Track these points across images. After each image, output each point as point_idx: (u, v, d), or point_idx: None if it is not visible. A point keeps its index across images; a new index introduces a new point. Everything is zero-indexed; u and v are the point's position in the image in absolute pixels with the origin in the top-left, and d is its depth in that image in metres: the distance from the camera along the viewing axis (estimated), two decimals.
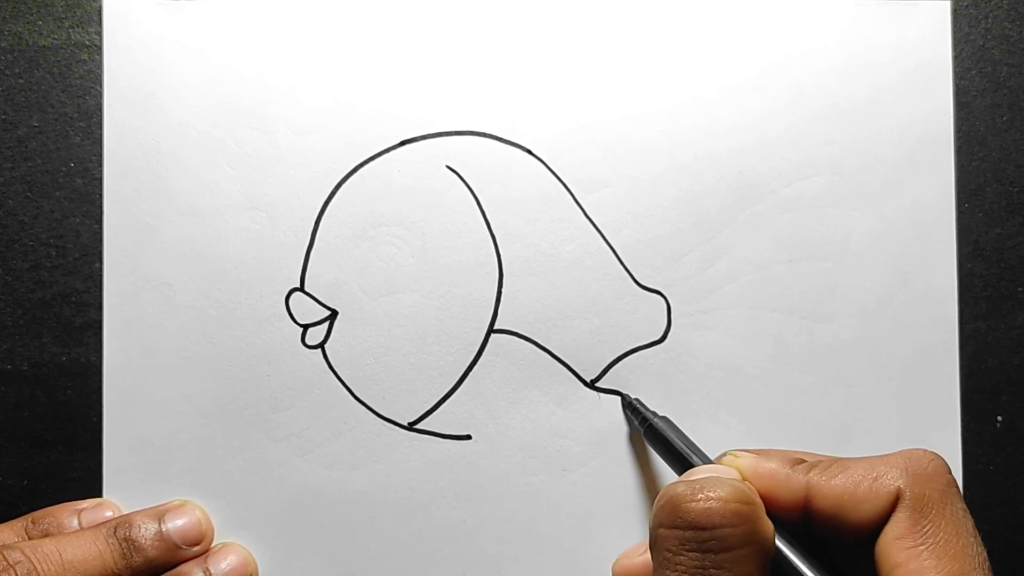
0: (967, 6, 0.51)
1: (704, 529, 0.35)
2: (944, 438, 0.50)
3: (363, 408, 0.49)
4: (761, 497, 0.38)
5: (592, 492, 0.49)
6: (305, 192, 0.50)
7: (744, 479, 0.39)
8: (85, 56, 0.50)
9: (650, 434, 0.47)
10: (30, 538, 0.46)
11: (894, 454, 0.38)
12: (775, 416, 0.50)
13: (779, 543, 0.37)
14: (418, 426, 0.49)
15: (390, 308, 0.50)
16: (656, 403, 0.50)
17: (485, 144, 0.50)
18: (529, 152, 0.50)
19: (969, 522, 0.36)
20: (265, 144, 0.50)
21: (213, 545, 0.48)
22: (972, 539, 0.36)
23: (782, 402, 0.50)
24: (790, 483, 0.38)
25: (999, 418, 0.51)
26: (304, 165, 0.50)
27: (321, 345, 0.49)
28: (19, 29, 0.50)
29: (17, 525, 0.47)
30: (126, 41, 0.50)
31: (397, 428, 0.49)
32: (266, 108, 0.50)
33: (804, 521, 0.38)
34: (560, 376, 0.50)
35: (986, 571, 0.35)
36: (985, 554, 0.36)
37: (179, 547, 0.46)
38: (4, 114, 0.50)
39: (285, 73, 0.50)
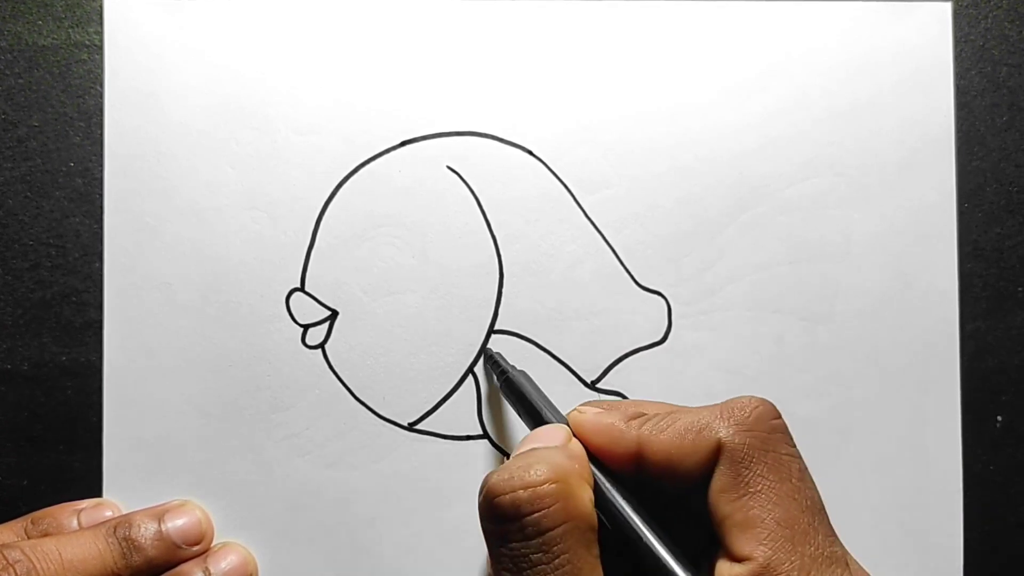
0: (967, 6, 0.51)
1: (517, 519, 0.35)
2: (944, 438, 0.50)
3: (363, 408, 0.49)
4: (598, 452, 0.38)
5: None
6: (306, 192, 0.50)
7: (581, 435, 0.39)
8: (85, 56, 0.50)
9: (506, 387, 0.46)
10: (29, 538, 0.46)
11: (720, 404, 0.38)
12: None
13: (617, 499, 0.37)
14: (418, 426, 0.50)
15: (390, 308, 0.50)
16: None
17: (486, 145, 0.50)
18: (530, 153, 0.50)
19: (795, 465, 0.36)
20: (266, 144, 0.50)
21: (213, 545, 0.48)
22: (798, 483, 0.36)
23: (783, 403, 0.49)
24: (623, 438, 0.38)
25: (999, 418, 0.51)
26: (305, 165, 0.50)
27: (321, 345, 0.49)
28: (19, 29, 0.50)
29: (17, 525, 0.47)
30: (127, 41, 0.50)
31: (397, 428, 0.49)
32: (267, 108, 0.50)
33: (641, 474, 0.38)
34: (560, 377, 0.50)
35: (815, 512, 0.35)
36: (816, 495, 0.36)
37: (179, 547, 0.46)
38: (4, 114, 0.50)
39: (286, 73, 0.50)
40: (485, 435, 0.50)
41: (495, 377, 0.48)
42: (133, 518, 0.46)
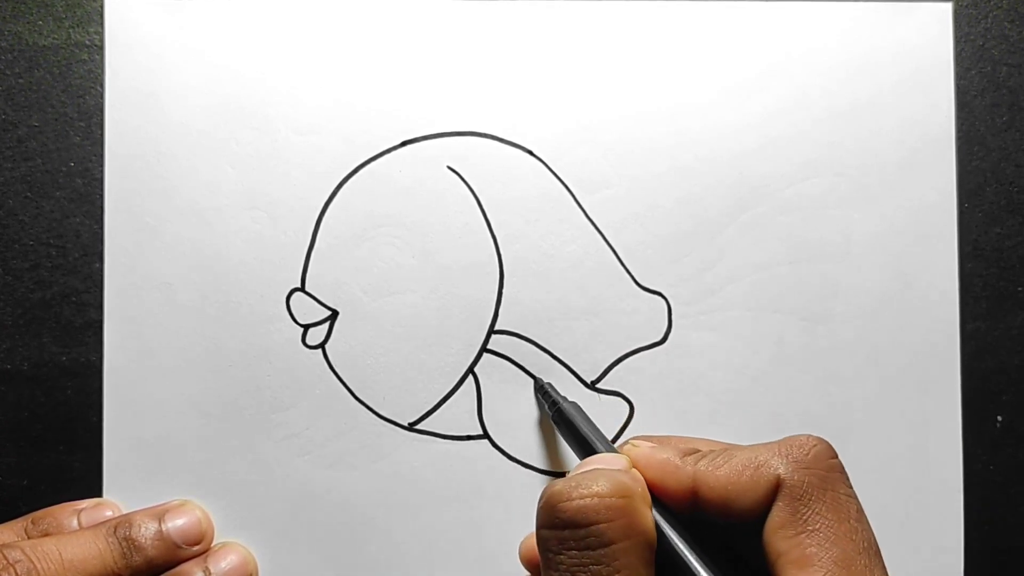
0: (967, 6, 0.51)
1: (580, 527, 0.35)
2: (944, 438, 0.50)
3: (363, 408, 0.49)
4: (652, 487, 0.38)
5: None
6: (306, 192, 0.50)
7: (637, 468, 0.39)
8: (85, 56, 0.50)
9: (558, 418, 0.46)
10: (30, 538, 0.46)
11: (777, 441, 0.38)
12: (776, 417, 0.50)
13: (668, 532, 0.37)
14: (418, 426, 0.50)
15: (391, 308, 0.50)
16: (656, 404, 0.50)
17: (486, 145, 0.50)
18: (530, 153, 0.50)
19: (853, 505, 0.36)
20: (266, 144, 0.50)
21: (213, 545, 0.48)
22: (856, 523, 0.36)
23: (783, 403, 0.50)
24: (679, 473, 0.38)
25: (999, 418, 0.51)
26: (305, 165, 0.50)
27: (322, 345, 0.49)
28: (19, 29, 0.50)
29: (17, 525, 0.47)
30: (127, 41, 0.50)
31: (397, 428, 0.49)
32: (267, 108, 0.50)
33: (696, 510, 0.38)
34: (561, 377, 0.50)
35: (871, 555, 0.35)
36: (872, 537, 0.36)
37: (179, 547, 0.46)
38: (4, 114, 0.50)
39: (286, 73, 0.50)
40: (485, 435, 0.50)
41: (546, 407, 0.48)
42: (133, 518, 0.46)
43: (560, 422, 0.46)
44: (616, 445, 0.42)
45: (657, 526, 0.37)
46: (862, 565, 0.35)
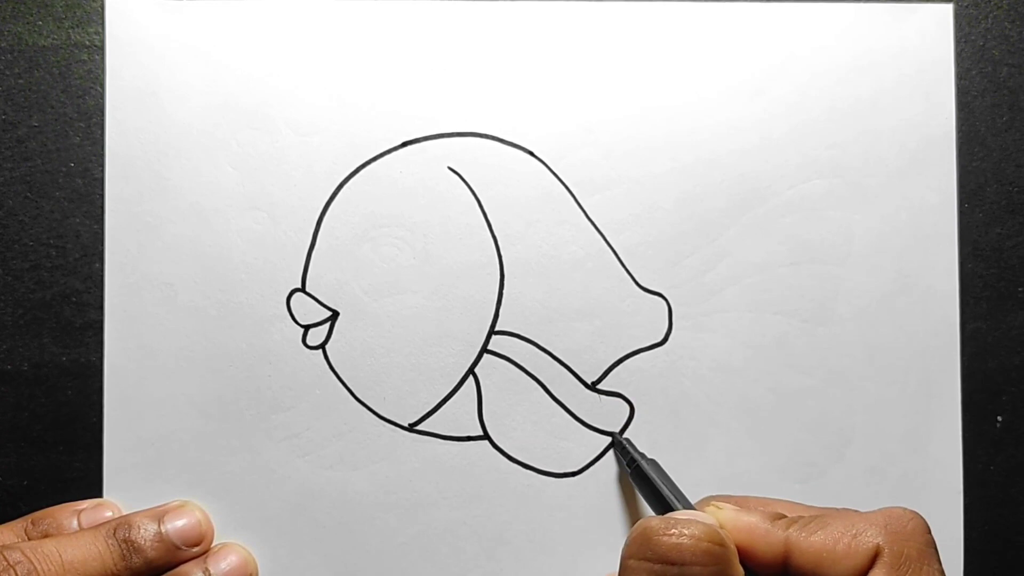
0: (967, 6, 0.51)
1: (674, 564, 0.35)
2: (944, 438, 0.50)
3: (364, 409, 0.49)
4: (740, 550, 0.38)
5: (592, 494, 0.49)
6: (307, 193, 0.50)
7: (723, 528, 0.39)
8: (85, 56, 0.50)
9: (636, 475, 0.47)
10: (30, 539, 0.46)
11: (874, 512, 0.39)
12: (776, 418, 0.50)
13: None
14: (419, 427, 0.50)
15: (391, 309, 0.50)
16: (657, 405, 0.50)
17: (487, 145, 0.50)
18: (531, 153, 0.50)
19: None
20: (267, 144, 0.50)
21: (213, 545, 0.48)
22: None
23: (783, 404, 0.50)
24: (769, 538, 0.39)
25: (999, 418, 0.51)
26: (306, 166, 0.50)
27: (322, 346, 0.49)
28: (19, 29, 0.50)
29: (17, 526, 0.47)
30: (128, 41, 0.50)
31: (398, 429, 0.49)
32: (268, 108, 0.50)
33: None
34: (561, 378, 0.50)
35: None
36: None
37: (179, 548, 0.46)
38: (4, 114, 0.49)
39: (287, 74, 0.50)
40: (485, 436, 0.50)
41: (624, 463, 0.48)
42: (133, 519, 0.46)
43: (640, 481, 0.46)
44: (693, 501, 0.42)
45: None
46: None
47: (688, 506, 0.43)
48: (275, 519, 0.49)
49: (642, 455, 0.47)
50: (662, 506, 0.44)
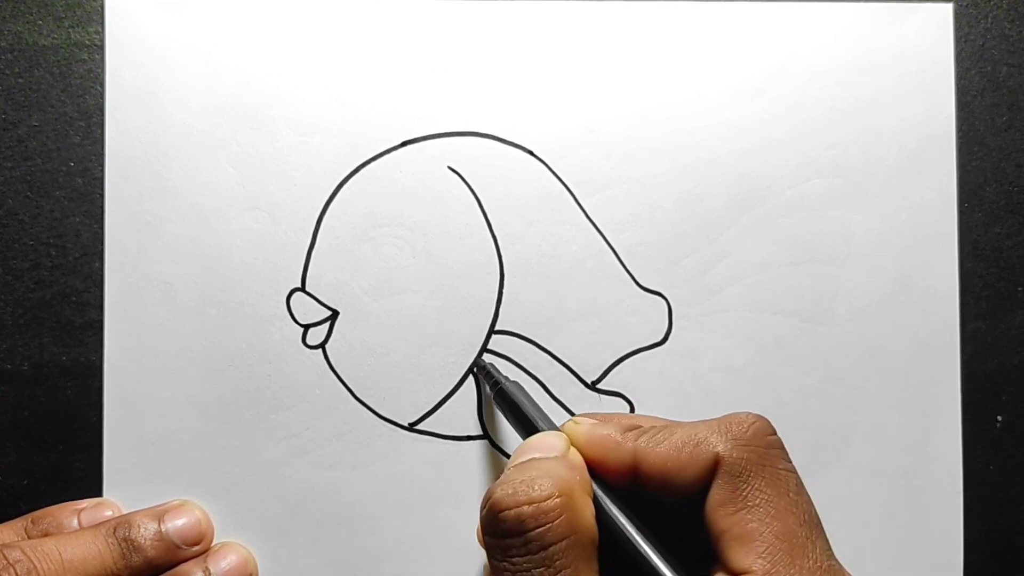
0: (967, 6, 0.51)
1: (521, 534, 0.35)
2: (944, 438, 0.50)
3: (364, 408, 0.49)
4: (593, 464, 0.38)
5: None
6: (307, 192, 0.50)
7: (576, 447, 0.39)
8: (85, 56, 0.50)
9: (499, 398, 0.46)
10: (30, 538, 0.46)
11: (717, 419, 0.38)
12: (776, 418, 0.49)
13: (613, 515, 0.37)
14: (418, 427, 0.50)
15: (391, 309, 0.50)
16: (656, 405, 0.50)
17: (487, 145, 0.50)
18: (531, 153, 0.50)
19: (792, 480, 0.37)
20: (267, 144, 0.50)
21: (213, 545, 0.48)
22: (795, 496, 0.36)
23: (783, 404, 0.50)
24: (620, 450, 0.38)
25: (999, 418, 0.51)
26: (306, 165, 0.50)
27: (322, 345, 0.49)
28: (19, 29, 0.50)
29: (17, 525, 0.47)
30: (129, 41, 0.50)
31: (398, 429, 0.49)
32: (268, 108, 0.50)
33: (637, 487, 0.38)
34: (561, 377, 0.50)
35: (812, 527, 0.36)
36: (813, 510, 0.36)
37: (179, 547, 0.46)
38: (4, 114, 0.49)
39: (287, 73, 0.50)
40: (485, 435, 0.50)
41: (487, 387, 0.48)
42: (133, 518, 0.46)
43: (502, 401, 0.46)
44: (561, 424, 0.42)
45: (600, 509, 0.37)
46: (803, 537, 0.35)
47: (552, 427, 0.43)
48: (275, 519, 0.49)
49: (505, 377, 0.47)
50: (526, 430, 0.43)
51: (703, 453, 0.37)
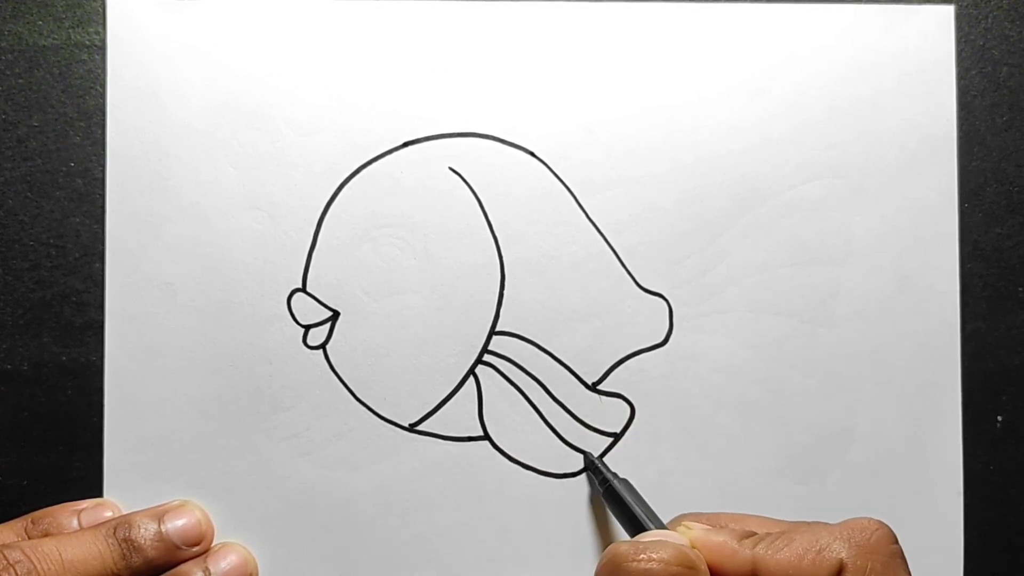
0: (968, 6, 0.51)
1: None
2: (944, 438, 0.50)
3: (364, 409, 0.49)
4: (711, 569, 0.38)
5: (592, 494, 0.49)
6: (307, 193, 0.50)
7: (693, 548, 0.39)
8: (85, 56, 0.50)
9: (608, 495, 0.47)
10: (30, 538, 0.46)
11: (839, 524, 0.39)
12: (777, 419, 0.50)
13: None
14: (419, 428, 0.50)
15: (392, 309, 0.50)
16: (657, 406, 0.50)
17: (487, 146, 0.50)
18: (531, 154, 0.50)
19: None
20: (268, 144, 0.50)
21: (213, 545, 0.48)
22: None
23: (784, 405, 0.50)
24: (737, 557, 0.38)
25: (999, 418, 0.51)
26: (307, 166, 0.50)
27: (323, 346, 0.49)
28: (19, 29, 0.50)
29: (17, 525, 0.47)
30: (129, 41, 0.50)
31: (398, 429, 0.49)
32: (269, 108, 0.50)
33: None
34: (561, 378, 0.50)
35: None
36: None
37: (178, 547, 0.46)
38: (4, 114, 0.49)
39: (288, 74, 0.50)
40: (485, 436, 0.50)
41: (596, 483, 0.48)
42: (133, 519, 0.46)
43: (610, 499, 0.46)
44: (666, 523, 0.43)
45: None
46: None
47: (660, 526, 0.43)
48: (275, 519, 0.49)
49: (614, 475, 0.47)
50: (634, 526, 0.44)
51: (827, 560, 0.37)
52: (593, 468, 0.49)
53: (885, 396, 0.50)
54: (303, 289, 0.49)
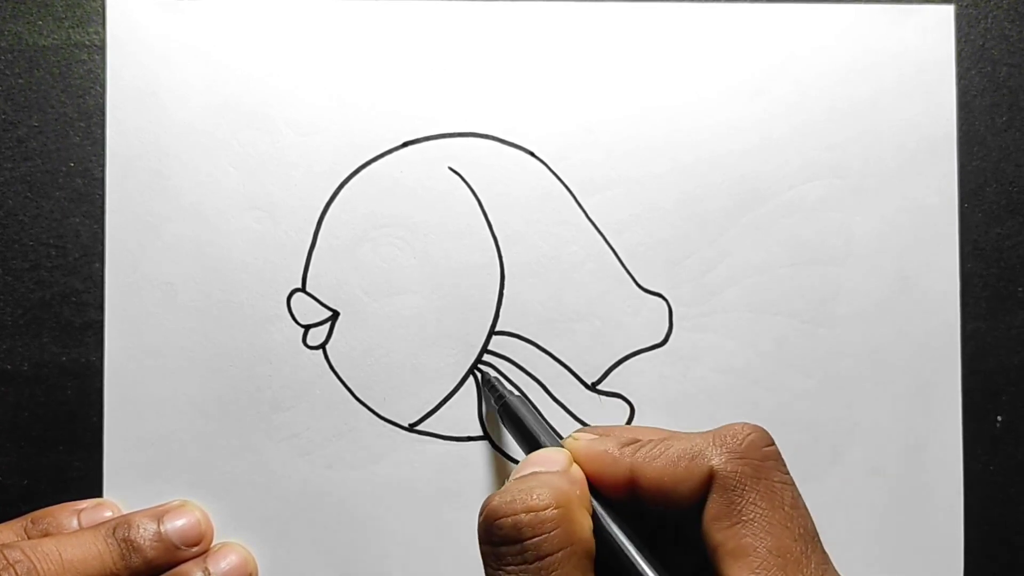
0: (967, 6, 0.51)
1: (517, 542, 0.35)
2: (944, 438, 0.50)
3: (364, 409, 0.49)
4: (592, 479, 0.38)
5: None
6: (307, 193, 0.50)
7: (578, 461, 0.39)
8: (85, 56, 0.50)
9: (503, 412, 0.46)
10: (29, 538, 0.46)
11: (713, 430, 0.38)
12: (777, 419, 0.50)
13: (610, 529, 0.37)
14: (419, 427, 0.50)
15: (391, 309, 0.50)
16: (657, 406, 0.50)
17: (487, 146, 0.50)
18: (531, 154, 0.50)
19: (788, 492, 0.36)
20: (267, 144, 0.50)
21: (213, 545, 0.48)
22: (791, 510, 0.35)
23: (784, 405, 0.50)
24: (617, 465, 0.38)
25: (999, 418, 0.51)
26: (306, 166, 0.50)
27: (322, 346, 0.49)
28: (19, 29, 0.50)
29: (16, 525, 0.47)
30: (129, 41, 0.50)
31: (398, 429, 0.49)
32: (269, 108, 0.50)
33: (637, 501, 0.38)
34: (561, 378, 0.50)
35: (808, 541, 0.35)
36: (809, 523, 0.36)
37: (178, 547, 0.46)
38: (4, 114, 0.49)
39: (288, 73, 0.50)
40: (486, 436, 0.50)
41: (492, 400, 0.48)
42: (132, 519, 0.46)
43: (506, 416, 0.46)
44: (563, 440, 0.42)
45: (598, 523, 0.37)
46: (798, 551, 0.35)
47: (554, 442, 0.43)
48: (275, 519, 0.49)
49: (510, 391, 0.47)
50: (528, 444, 0.43)
51: (698, 467, 0.36)
52: (488, 386, 0.48)
53: (885, 396, 0.50)
54: (303, 289, 0.49)
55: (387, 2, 0.50)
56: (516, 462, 0.49)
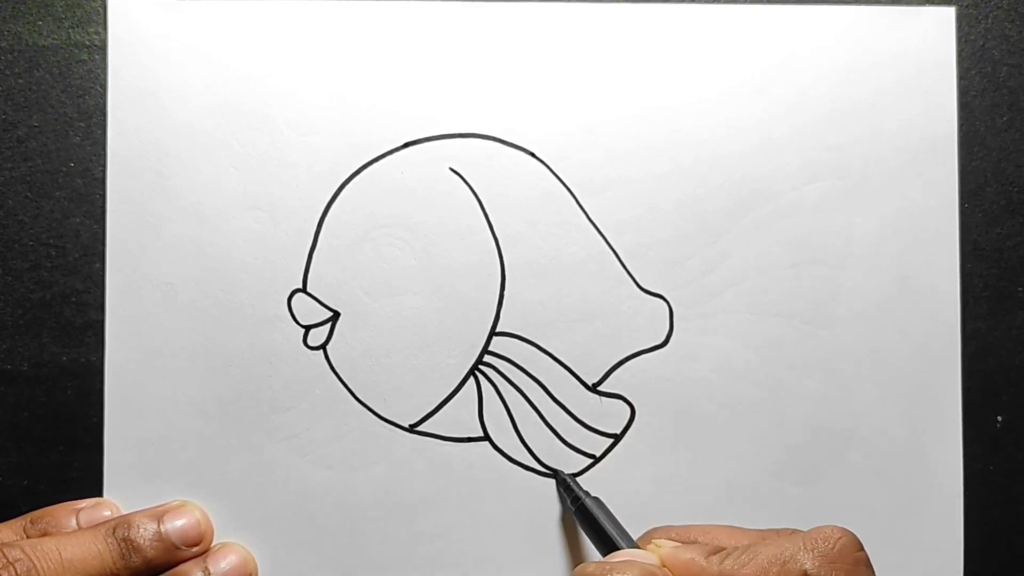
0: (968, 7, 0.51)
1: None
2: (944, 438, 0.50)
3: (364, 410, 0.49)
4: None
5: (593, 495, 0.50)
6: (308, 193, 0.49)
7: (663, 567, 0.39)
8: (85, 56, 0.50)
9: (580, 513, 0.47)
10: (29, 537, 0.46)
11: (805, 533, 0.39)
12: (777, 420, 0.50)
13: None
14: (419, 428, 0.50)
15: (392, 310, 0.50)
16: (658, 407, 0.50)
17: (488, 146, 0.50)
18: (532, 155, 0.50)
19: None
20: (268, 145, 0.49)
21: (213, 545, 0.48)
22: None
23: (784, 406, 0.50)
24: (705, 574, 0.38)
25: (999, 418, 0.51)
26: (307, 166, 0.50)
27: (323, 346, 0.49)
28: (19, 29, 0.50)
29: (16, 524, 0.47)
30: (130, 41, 0.50)
31: (398, 430, 0.49)
32: (269, 109, 0.50)
33: None
34: (562, 379, 0.50)
35: None
36: None
37: (178, 547, 0.46)
38: (4, 114, 0.49)
39: (289, 74, 0.50)
40: (486, 437, 0.50)
41: (567, 502, 0.48)
42: (132, 519, 0.46)
43: (582, 517, 0.46)
44: (637, 539, 0.43)
45: None
46: None
47: (631, 545, 0.43)
48: (275, 519, 0.49)
49: (586, 493, 0.47)
50: (605, 546, 0.44)
51: (791, 572, 0.37)
52: (564, 486, 0.49)
53: (885, 396, 0.50)
54: (303, 289, 0.49)
55: (387, 2, 0.50)
56: (516, 462, 0.50)
